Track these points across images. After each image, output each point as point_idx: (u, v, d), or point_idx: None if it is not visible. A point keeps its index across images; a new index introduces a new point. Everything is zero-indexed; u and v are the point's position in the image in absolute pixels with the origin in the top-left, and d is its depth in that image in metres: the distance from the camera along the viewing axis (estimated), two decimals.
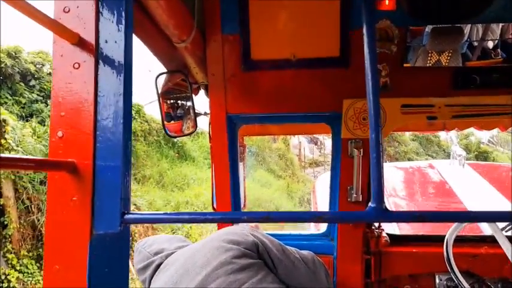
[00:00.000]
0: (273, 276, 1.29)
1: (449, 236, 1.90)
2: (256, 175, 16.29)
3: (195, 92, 2.28)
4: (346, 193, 2.09)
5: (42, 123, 9.51)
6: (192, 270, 1.26)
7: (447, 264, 1.86)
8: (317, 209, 5.53)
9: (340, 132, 2.02)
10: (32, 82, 10.40)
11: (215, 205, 2.23)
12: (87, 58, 0.79)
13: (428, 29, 2.75)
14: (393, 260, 2.33)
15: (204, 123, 2.40)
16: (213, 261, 1.26)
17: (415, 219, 0.63)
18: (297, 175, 19.06)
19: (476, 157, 21.10)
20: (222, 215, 0.68)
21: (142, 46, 1.77)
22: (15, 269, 7.45)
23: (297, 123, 2.66)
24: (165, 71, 2.12)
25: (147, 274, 1.46)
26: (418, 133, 20.38)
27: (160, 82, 2.14)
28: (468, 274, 2.05)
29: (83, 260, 0.74)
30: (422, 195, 5.60)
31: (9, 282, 7.27)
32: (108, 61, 0.78)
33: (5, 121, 7.77)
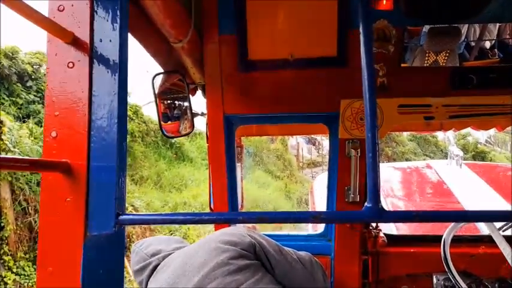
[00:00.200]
0: (270, 277, 1.29)
1: (447, 236, 1.90)
2: (254, 176, 16.28)
3: (192, 92, 2.27)
4: (344, 193, 2.09)
5: (39, 124, 9.47)
6: (189, 272, 1.26)
7: (444, 264, 1.86)
8: (315, 209, 5.53)
9: (337, 133, 2.02)
10: (29, 83, 10.37)
11: (212, 206, 2.23)
12: (81, 57, 0.79)
13: (425, 29, 2.76)
14: (391, 260, 2.33)
15: (201, 123, 2.40)
16: (210, 262, 1.25)
17: (412, 219, 0.62)
18: (295, 176, 19.06)
19: (473, 157, 21.16)
20: (217, 216, 0.67)
21: (140, 46, 1.77)
22: (11, 271, 7.41)
23: (295, 124, 2.66)
24: (162, 71, 2.11)
25: (144, 275, 1.45)
26: (416, 133, 20.46)
27: (157, 82, 2.13)
28: (465, 274, 2.05)
29: (77, 261, 0.73)
30: (420, 195, 5.62)
31: (5, 285, 7.24)
32: (103, 60, 0.77)
33: (1, 122, 7.74)
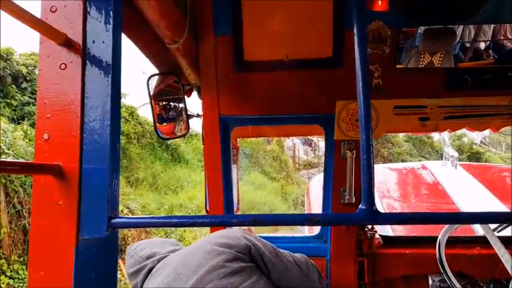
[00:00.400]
0: (265, 279, 1.28)
1: (442, 237, 1.90)
2: (251, 177, 16.26)
3: (187, 93, 2.26)
4: (339, 195, 2.08)
5: (33, 126, 9.38)
6: (184, 274, 1.25)
7: (440, 266, 1.86)
8: (311, 210, 5.53)
9: (333, 134, 2.02)
10: (23, 84, 10.29)
11: (208, 208, 2.22)
12: (74, 59, 0.78)
13: (420, 30, 2.77)
14: (386, 261, 2.33)
15: (198, 124, 2.39)
16: (205, 264, 1.24)
17: (406, 221, 0.62)
18: (291, 177, 19.05)
19: (468, 158, 21.26)
20: (211, 218, 0.67)
21: (135, 47, 1.76)
22: (5, 275, 7.34)
23: (290, 125, 2.66)
24: (158, 72, 2.10)
25: (139, 279, 1.43)
26: (411, 134, 20.54)
27: (153, 84, 2.12)
28: (461, 275, 2.05)
29: (69, 266, 0.72)
30: (416, 196, 5.63)
31: None
32: (96, 62, 0.76)
33: None
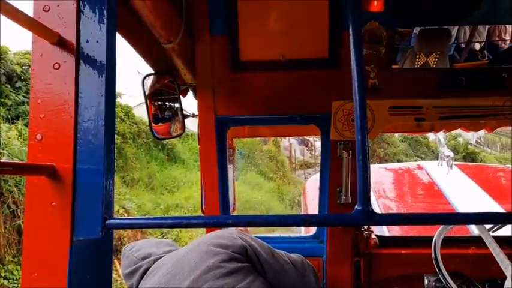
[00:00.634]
0: (261, 280, 1.28)
1: (437, 237, 1.91)
2: (247, 177, 16.25)
3: (183, 93, 2.26)
4: (336, 195, 2.08)
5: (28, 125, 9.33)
6: (180, 275, 1.24)
7: (435, 265, 1.87)
8: (307, 210, 5.53)
9: (329, 134, 2.02)
10: (18, 84, 10.20)
11: (204, 208, 2.21)
12: (67, 58, 0.77)
13: (416, 30, 2.78)
14: (382, 261, 2.33)
15: (194, 124, 2.38)
16: (201, 265, 1.24)
17: (401, 221, 0.62)
18: (287, 177, 19.06)
19: (464, 158, 21.38)
20: (207, 219, 0.66)
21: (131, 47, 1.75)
22: (0, 275, 7.29)
23: (287, 125, 2.66)
24: (153, 72, 2.09)
25: (135, 279, 1.43)
26: (407, 134, 20.63)
27: (148, 83, 2.11)
28: (456, 275, 2.06)
29: (63, 267, 0.71)
30: (412, 196, 5.64)
31: None
32: (90, 61, 0.76)
33: None
